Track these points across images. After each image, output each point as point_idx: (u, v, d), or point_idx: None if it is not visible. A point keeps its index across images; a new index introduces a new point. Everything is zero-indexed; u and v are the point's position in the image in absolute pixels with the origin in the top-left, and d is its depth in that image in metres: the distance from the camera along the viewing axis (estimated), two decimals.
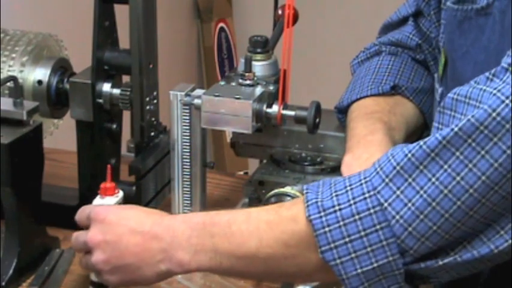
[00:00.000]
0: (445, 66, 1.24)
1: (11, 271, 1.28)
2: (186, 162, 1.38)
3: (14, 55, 1.40)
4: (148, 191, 1.38)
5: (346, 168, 1.23)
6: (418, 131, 1.39)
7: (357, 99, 1.37)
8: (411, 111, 1.37)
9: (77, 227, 1.16)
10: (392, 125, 1.30)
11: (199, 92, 1.34)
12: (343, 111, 1.40)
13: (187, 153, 1.37)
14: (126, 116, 1.40)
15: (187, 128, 1.36)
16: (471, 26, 1.15)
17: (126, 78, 1.40)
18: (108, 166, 1.21)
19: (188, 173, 1.38)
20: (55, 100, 1.41)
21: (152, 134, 1.40)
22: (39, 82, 1.39)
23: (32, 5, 2.17)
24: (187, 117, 1.35)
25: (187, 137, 1.36)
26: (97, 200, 1.22)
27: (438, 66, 1.29)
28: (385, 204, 0.98)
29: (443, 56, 1.25)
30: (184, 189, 1.39)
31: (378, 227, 0.98)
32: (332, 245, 0.99)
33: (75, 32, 1.86)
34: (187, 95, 1.34)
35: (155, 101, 1.39)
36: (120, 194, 1.23)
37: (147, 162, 1.36)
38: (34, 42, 1.42)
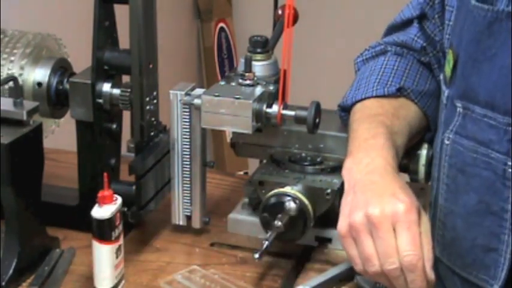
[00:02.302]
0: (454, 68, 1.23)
1: (11, 271, 1.28)
2: (186, 161, 1.38)
3: (13, 55, 1.40)
4: (148, 190, 1.38)
5: (347, 173, 1.23)
6: (420, 133, 1.39)
7: (361, 99, 1.36)
8: (415, 115, 1.37)
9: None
10: (394, 129, 1.30)
11: (199, 91, 1.34)
12: (346, 109, 1.39)
13: (187, 153, 1.37)
14: (126, 116, 1.40)
15: (187, 127, 1.36)
16: (501, 28, 1.14)
17: (126, 78, 1.40)
18: (105, 174, 1.21)
19: (188, 172, 1.38)
20: (55, 100, 1.41)
21: (152, 133, 1.40)
22: (39, 84, 1.39)
23: (32, 5, 2.17)
24: (187, 117, 1.35)
25: (187, 136, 1.36)
26: (95, 209, 1.21)
27: (444, 68, 1.29)
28: None
29: (452, 57, 1.24)
30: (184, 188, 1.39)
31: None
32: None
33: (75, 32, 1.86)
34: (187, 94, 1.34)
35: (155, 101, 1.39)
36: (119, 200, 1.23)
37: (146, 162, 1.36)
38: (34, 43, 1.42)
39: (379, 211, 1.13)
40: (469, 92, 1.19)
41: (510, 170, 1.14)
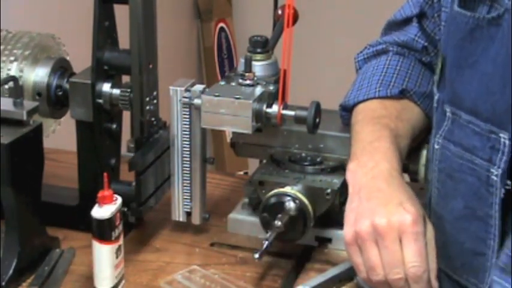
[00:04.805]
0: (442, 71, 1.23)
1: (11, 271, 1.28)
2: (186, 157, 1.38)
3: (13, 55, 1.40)
4: (148, 186, 1.38)
5: (351, 176, 1.22)
6: (422, 134, 1.38)
7: (364, 100, 1.36)
8: (417, 117, 1.37)
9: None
10: (398, 132, 1.29)
11: (199, 87, 1.34)
12: (347, 109, 1.39)
13: (187, 149, 1.37)
14: (126, 116, 1.40)
15: (187, 123, 1.36)
16: (482, 35, 1.13)
17: (126, 78, 1.40)
18: (105, 174, 1.21)
19: (188, 169, 1.38)
20: (55, 100, 1.41)
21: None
22: (39, 94, 1.39)
23: (32, 5, 2.17)
24: (187, 113, 1.35)
25: (187, 133, 1.36)
26: (95, 209, 1.21)
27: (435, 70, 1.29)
28: None
29: (441, 60, 1.24)
30: (184, 184, 1.39)
31: None
32: None
33: (75, 32, 1.86)
34: (187, 90, 1.34)
35: (155, 101, 1.39)
36: (119, 200, 1.23)
37: (146, 158, 1.36)
38: (34, 42, 1.42)
39: (385, 221, 1.13)
40: (455, 98, 1.19)
41: (493, 176, 1.14)
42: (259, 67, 1.36)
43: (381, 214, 1.14)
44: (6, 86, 1.32)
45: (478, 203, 1.17)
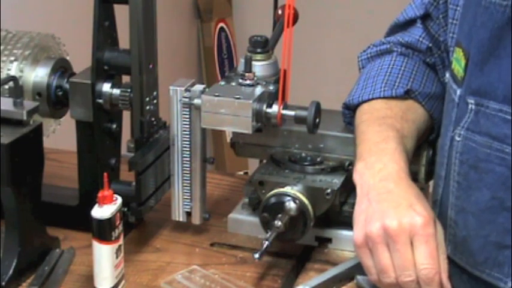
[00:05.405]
0: (466, 66, 1.22)
1: (11, 271, 1.28)
2: (186, 157, 1.38)
3: (13, 55, 1.40)
4: (148, 186, 1.38)
5: (359, 177, 1.22)
6: (424, 135, 1.38)
7: (368, 100, 1.36)
8: (422, 118, 1.36)
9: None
10: (404, 132, 1.29)
11: (199, 87, 1.34)
12: (351, 108, 1.39)
13: (187, 149, 1.37)
14: (126, 116, 1.41)
15: (187, 123, 1.36)
16: None
17: (126, 79, 1.40)
18: (105, 174, 1.21)
19: (188, 169, 1.38)
20: (55, 100, 1.41)
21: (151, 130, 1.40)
22: (39, 94, 1.39)
23: (32, 5, 2.17)
24: (187, 113, 1.35)
25: (187, 133, 1.36)
26: (95, 209, 1.21)
27: (450, 67, 1.27)
28: None
29: (463, 56, 1.22)
30: (184, 184, 1.39)
31: None
32: None
33: (75, 32, 1.86)
34: (187, 90, 1.34)
35: (155, 101, 1.39)
36: (119, 200, 1.23)
37: (146, 158, 1.36)
38: (34, 42, 1.42)
39: (396, 224, 1.13)
40: (486, 88, 1.17)
41: None
42: (259, 67, 1.37)
43: (391, 216, 1.14)
44: (6, 86, 1.32)
45: (507, 193, 1.16)
